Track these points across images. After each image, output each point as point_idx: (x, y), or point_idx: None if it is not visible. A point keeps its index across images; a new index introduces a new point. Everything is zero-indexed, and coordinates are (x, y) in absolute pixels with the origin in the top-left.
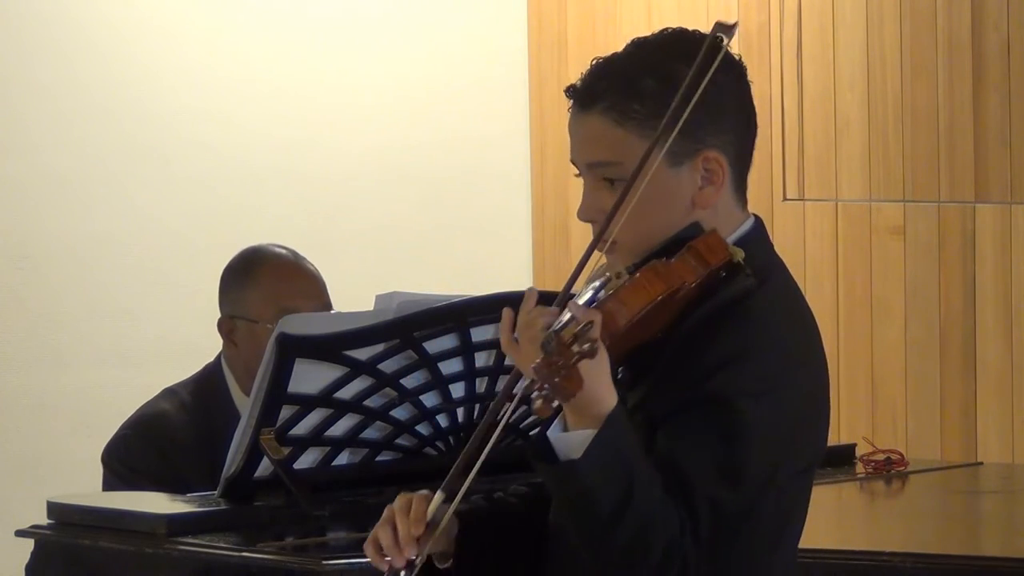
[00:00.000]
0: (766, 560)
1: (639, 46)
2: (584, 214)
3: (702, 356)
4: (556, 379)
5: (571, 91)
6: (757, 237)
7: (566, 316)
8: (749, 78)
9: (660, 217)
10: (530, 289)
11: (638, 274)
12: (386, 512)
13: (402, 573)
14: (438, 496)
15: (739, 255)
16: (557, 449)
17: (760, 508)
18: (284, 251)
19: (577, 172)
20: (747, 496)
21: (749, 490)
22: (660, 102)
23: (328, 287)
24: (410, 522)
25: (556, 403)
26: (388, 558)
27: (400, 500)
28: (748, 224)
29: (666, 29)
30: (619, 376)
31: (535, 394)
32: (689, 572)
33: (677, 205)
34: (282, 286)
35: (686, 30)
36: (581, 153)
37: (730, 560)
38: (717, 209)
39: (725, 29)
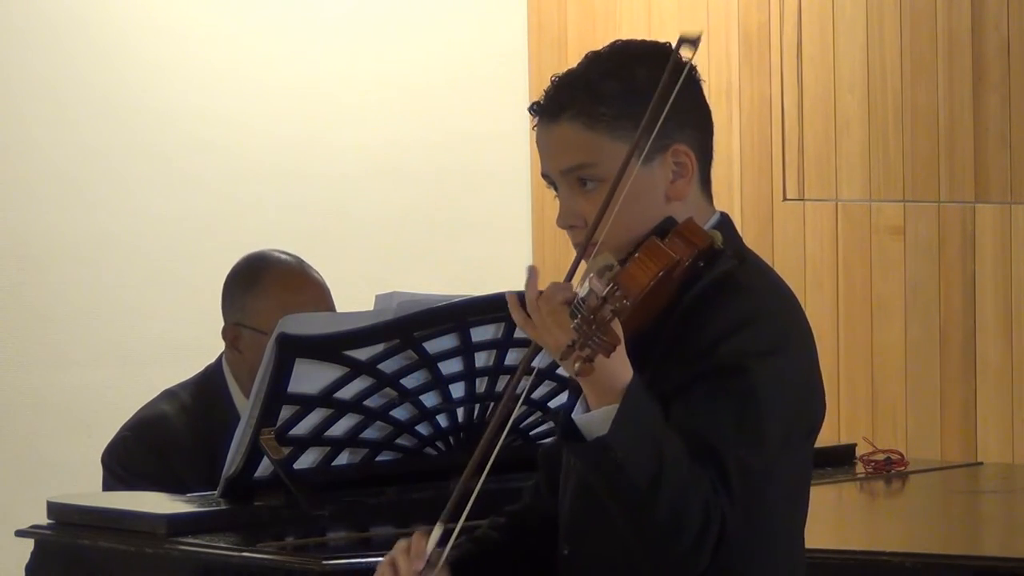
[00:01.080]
0: (787, 522)
1: (593, 58)
2: (563, 220)
3: (704, 330)
4: (597, 335)
5: (535, 107)
6: (727, 228)
7: (585, 288)
8: (749, 78)
9: (637, 213)
10: (531, 267)
11: (638, 252)
12: (387, 555)
13: None
14: (437, 528)
15: (718, 239)
16: (583, 430)
17: (778, 469)
18: (290, 259)
19: (547, 184)
20: (769, 455)
21: (770, 449)
22: (624, 102)
23: (328, 286)
24: (411, 558)
25: (596, 361)
26: None
27: (399, 543)
28: (716, 218)
29: (616, 41)
30: None
31: (574, 356)
32: (727, 533)
33: (652, 200)
34: (289, 297)
35: (635, 40)
36: (554, 161)
37: (758, 519)
38: (688, 202)
39: (690, 43)
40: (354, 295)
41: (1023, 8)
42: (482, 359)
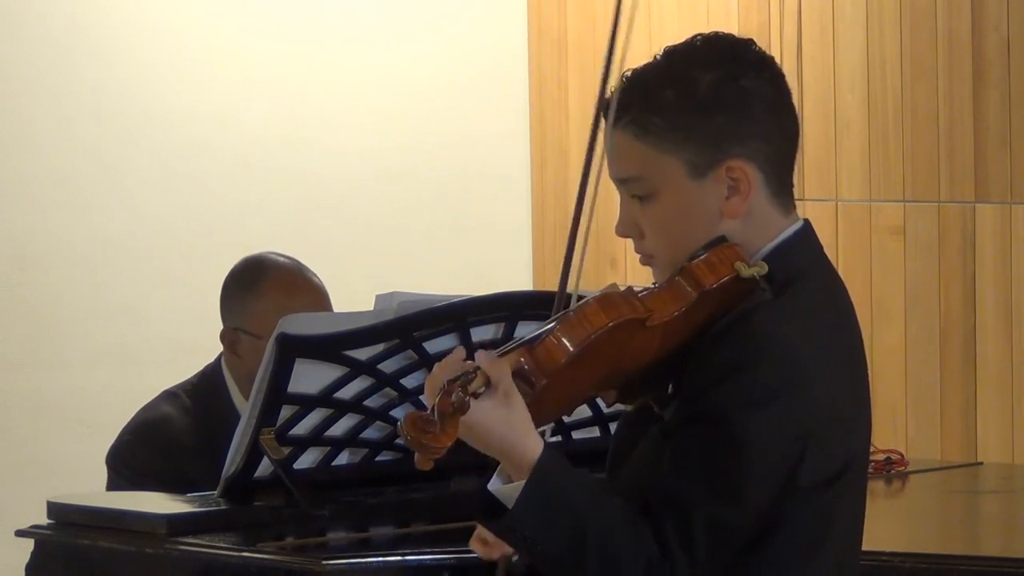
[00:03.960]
0: (800, 569)
1: (667, 55)
2: (620, 229)
3: (700, 374)
4: (422, 436)
5: (602, 103)
6: (797, 243)
7: (471, 364)
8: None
9: (688, 229)
10: (457, 348)
11: (586, 305)
12: (476, 532)
13: None
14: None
15: (746, 271)
16: (502, 500)
17: (790, 517)
18: (288, 262)
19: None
20: (752, 509)
21: (753, 503)
22: (679, 113)
23: (328, 287)
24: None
25: (434, 459)
26: None
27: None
28: (791, 230)
29: (697, 36)
30: (670, 391)
31: (411, 447)
32: None
33: (704, 217)
34: (286, 301)
35: (718, 34)
36: (610, 168)
37: (756, 571)
38: (751, 217)
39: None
40: (354, 295)
41: (1023, 8)
42: None
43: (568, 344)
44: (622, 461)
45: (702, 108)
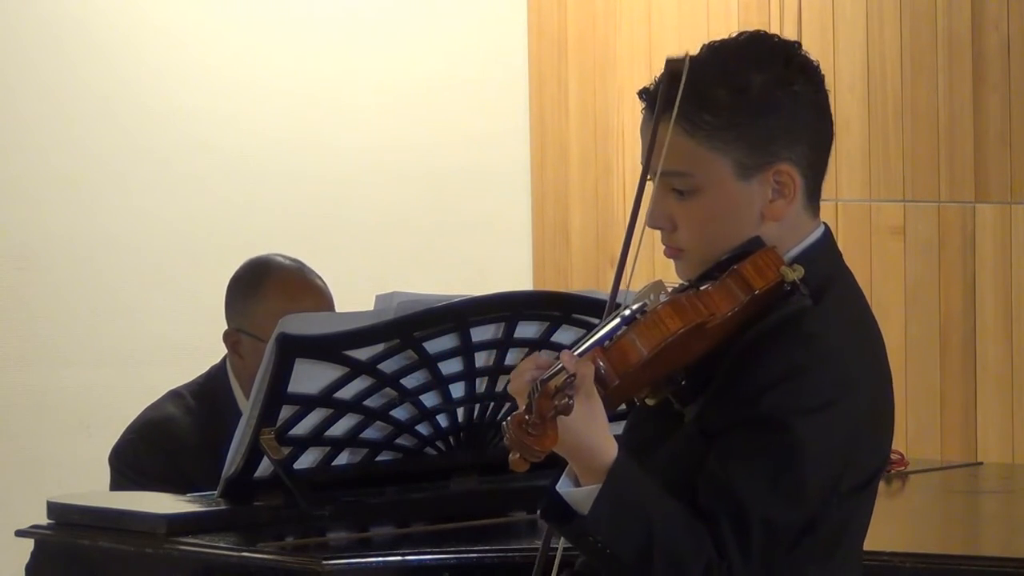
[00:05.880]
0: (818, 568)
1: (715, 52)
2: (652, 220)
3: (754, 376)
4: (525, 438)
5: (644, 94)
6: (823, 248)
7: (557, 366)
8: None
9: (727, 228)
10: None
11: (659, 308)
12: None
13: None
14: None
15: (791, 275)
16: (571, 503)
17: (822, 520)
18: (292, 265)
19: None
20: (807, 512)
21: (809, 506)
22: (731, 112)
23: (328, 287)
24: None
25: (531, 461)
26: None
27: None
28: (816, 234)
29: (742, 33)
30: (682, 384)
31: (512, 448)
32: None
33: (746, 217)
34: (288, 305)
35: (763, 33)
36: (651, 160)
37: (780, 569)
38: (786, 220)
39: (675, 63)
40: (354, 295)
41: (1023, 8)
42: (482, 359)
43: (642, 347)
44: (643, 457)
45: (755, 109)
